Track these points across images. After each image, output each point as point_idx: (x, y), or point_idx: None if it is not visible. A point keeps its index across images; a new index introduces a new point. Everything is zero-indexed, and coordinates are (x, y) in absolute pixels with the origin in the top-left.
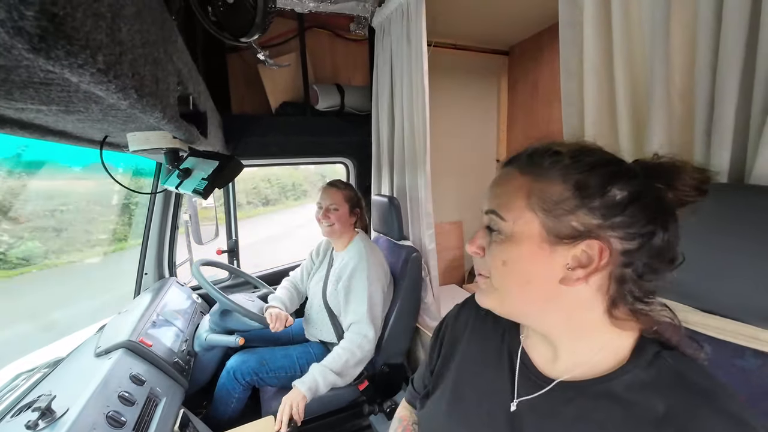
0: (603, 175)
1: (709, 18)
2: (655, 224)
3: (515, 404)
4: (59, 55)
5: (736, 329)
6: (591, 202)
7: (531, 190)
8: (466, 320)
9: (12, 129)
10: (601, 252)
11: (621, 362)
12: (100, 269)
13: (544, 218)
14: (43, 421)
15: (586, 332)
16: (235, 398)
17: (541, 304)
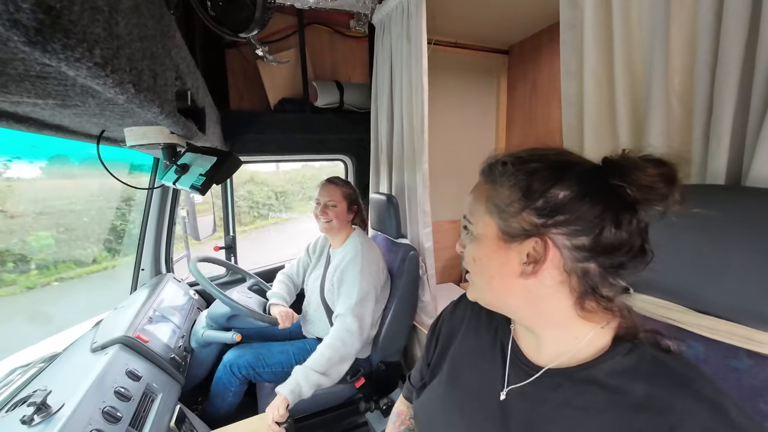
0: (544, 178)
1: (709, 20)
2: (603, 221)
3: (504, 393)
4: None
5: (729, 329)
6: (534, 203)
7: (488, 196)
8: (462, 315)
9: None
10: (545, 248)
11: (602, 350)
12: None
13: (498, 220)
14: (38, 416)
15: (560, 323)
16: (231, 392)
17: (508, 297)
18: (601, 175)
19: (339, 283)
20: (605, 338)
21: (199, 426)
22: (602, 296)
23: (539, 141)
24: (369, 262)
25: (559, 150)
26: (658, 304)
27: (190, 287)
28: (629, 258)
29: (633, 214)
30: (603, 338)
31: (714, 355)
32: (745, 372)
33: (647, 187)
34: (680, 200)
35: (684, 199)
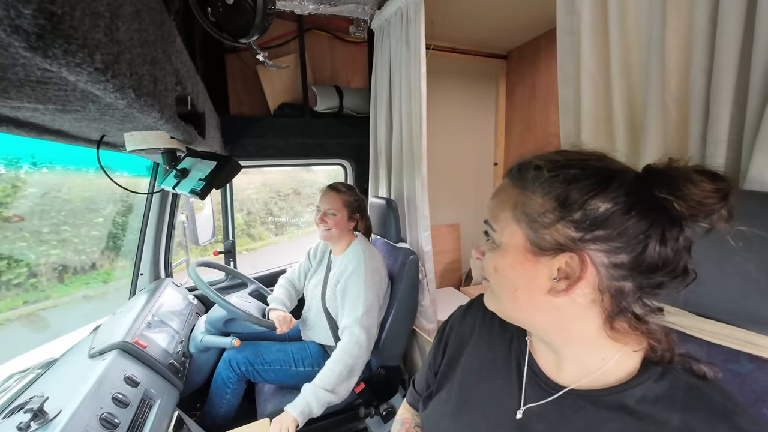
0: (584, 188)
1: (704, 24)
2: (648, 237)
3: (521, 412)
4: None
5: (730, 333)
6: (571, 215)
7: (516, 202)
8: (472, 323)
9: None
10: (581, 265)
11: (631, 374)
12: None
13: (527, 230)
14: (35, 423)
15: (586, 342)
16: (230, 389)
17: (532, 312)
18: (647, 187)
19: (343, 293)
20: (634, 361)
21: None
22: (635, 316)
23: (538, 146)
24: (372, 272)
25: (599, 155)
26: None
27: (189, 292)
28: (670, 278)
29: (680, 231)
30: (632, 361)
31: (715, 359)
32: (746, 376)
33: (699, 202)
34: (728, 217)
35: (732, 216)
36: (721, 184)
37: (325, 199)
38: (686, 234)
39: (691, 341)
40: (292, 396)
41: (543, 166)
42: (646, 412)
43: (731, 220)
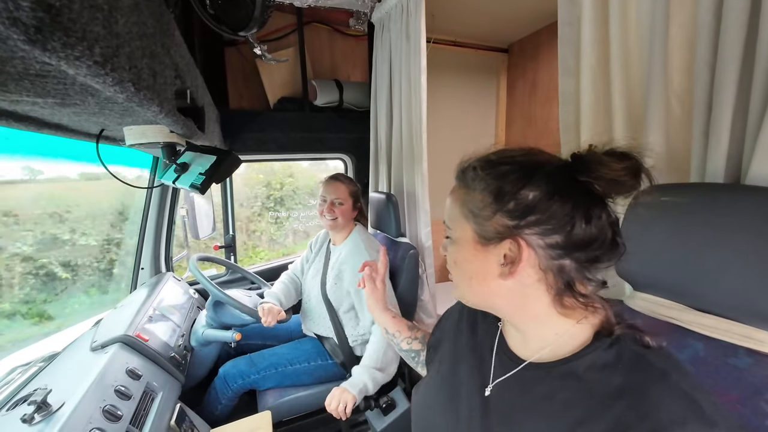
0: (513, 181)
1: (708, 18)
2: (573, 218)
3: (490, 388)
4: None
5: (729, 328)
6: (506, 205)
7: (463, 201)
8: (460, 315)
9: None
10: (519, 249)
11: (582, 345)
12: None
13: (473, 224)
14: (39, 415)
15: (541, 319)
16: (222, 404)
17: (489, 297)
18: (570, 173)
19: (355, 285)
20: (586, 333)
21: (199, 425)
22: (579, 293)
23: (539, 140)
24: (375, 256)
25: (526, 150)
26: (657, 302)
27: (190, 286)
28: (602, 251)
29: (602, 209)
30: (584, 333)
31: (713, 353)
32: (744, 370)
33: (613, 181)
34: (649, 191)
35: (652, 189)
36: (629, 163)
37: (331, 189)
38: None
39: (690, 336)
40: (292, 389)
41: (478, 166)
42: (593, 378)
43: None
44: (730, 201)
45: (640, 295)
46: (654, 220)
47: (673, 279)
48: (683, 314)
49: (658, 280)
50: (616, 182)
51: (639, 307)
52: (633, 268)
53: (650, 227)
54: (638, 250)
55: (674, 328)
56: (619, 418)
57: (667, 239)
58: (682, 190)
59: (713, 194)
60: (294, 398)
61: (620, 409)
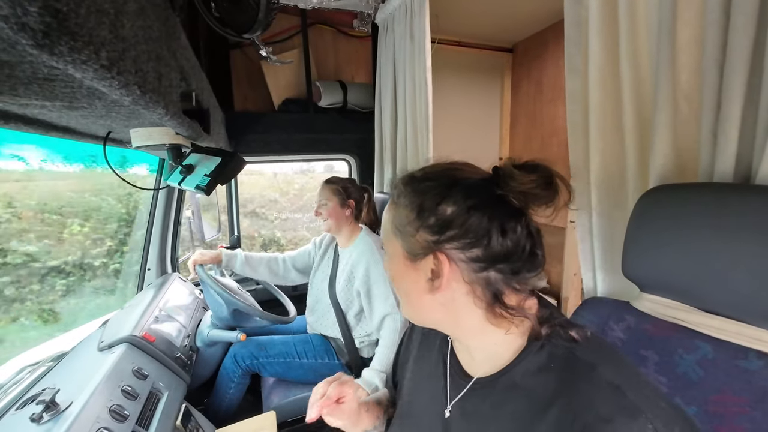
0: (434, 196)
1: (716, 15)
2: (489, 231)
3: (449, 410)
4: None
5: (738, 330)
6: (427, 221)
7: (393, 217)
8: (418, 336)
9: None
10: (441, 263)
11: (517, 352)
12: None
13: (401, 240)
14: (47, 414)
15: (477, 332)
16: (234, 383)
17: (427, 311)
18: (489, 187)
19: (367, 288)
20: (519, 341)
21: (204, 425)
22: (507, 305)
23: (544, 140)
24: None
25: (450, 165)
26: (665, 304)
27: (195, 287)
28: (522, 263)
29: (518, 221)
30: (518, 340)
31: (723, 356)
32: (755, 373)
33: (525, 192)
34: (567, 200)
35: (571, 199)
36: (537, 173)
37: (318, 193)
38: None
39: (698, 338)
40: (296, 389)
41: (402, 183)
42: (530, 384)
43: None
44: (740, 201)
45: (648, 297)
46: (661, 220)
47: (680, 280)
48: (691, 316)
49: (665, 282)
50: (529, 194)
51: (646, 309)
52: (640, 269)
53: (657, 228)
54: (645, 251)
55: (682, 330)
56: (557, 421)
57: (675, 240)
58: (690, 190)
59: (722, 194)
60: (299, 398)
61: (555, 413)
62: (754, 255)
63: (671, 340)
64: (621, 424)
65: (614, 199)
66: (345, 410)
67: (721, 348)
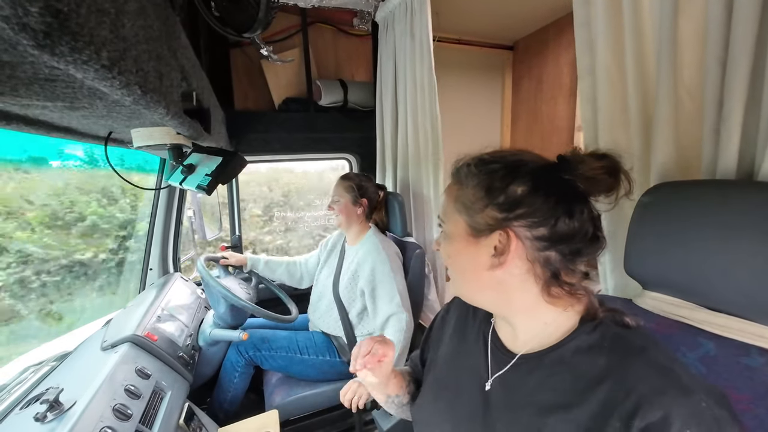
0: (504, 176)
1: (718, 11)
2: (557, 212)
3: (489, 383)
4: (64, 52)
5: (741, 327)
6: (496, 199)
7: (456, 196)
8: (453, 317)
9: (18, 125)
10: (508, 240)
11: (569, 332)
12: None
13: (466, 218)
14: (51, 414)
15: (530, 310)
16: (237, 373)
17: (481, 289)
18: (554, 171)
19: (372, 287)
20: (572, 321)
21: (207, 423)
22: (565, 282)
23: (545, 138)
24: (393, 257)
25: (516, 151)
26: (667, 301)
27: (197, 286)
28: (584, 245)
29: (584, 205)
30: (570, 321)
31: (725, 353)
32: (757, 370)
33: (592, 178)
34: (628, 190)
35: (631, 189)
36: (606, 161)
37: (333, 188)
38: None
39: (701, 335)
40: (299, 388)
41: (472, 163)
42: (579, 361)
43: (631, 193)
44: (742, 198)
45: (650, 294)
46: (664, 217)
47: (683, 277)
48: (694, 313)
49: (668, 279)
50: (594, 180)
51: (649, 306)
52: (642, 267)
53: (660, 225)
54: (648, 249)
55: (685, 327)
56: (607, 396)
57: (678, 237)
58: (692, 187)
59: (724, 191)
60: (301, 397)
61: (606, 388)
62: (757, 252)
63: (674, 337)
64: (675, 397)
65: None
66: (384, 370)
67: (724, 345)
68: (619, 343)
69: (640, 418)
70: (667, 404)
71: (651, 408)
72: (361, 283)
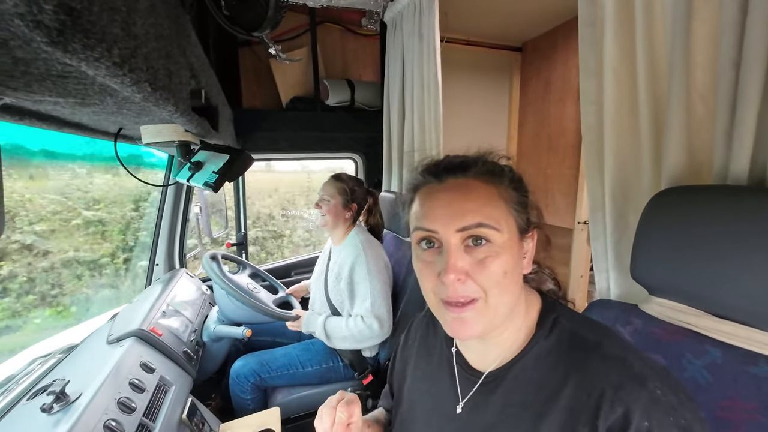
0: (519, 175)
1: (734, 13)
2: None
3: (460, 406)
4: (76, 49)
5: (749, 335)
6: (528, 194)
7: (502, 195)
8: (415, 344)
9: (30, 120)
10: (533, 237)
11: (529, 335)
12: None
13: (517, 219)
14: (57, 405)
15: (516, 315)
16: (249, 399)
17: (516, 300)
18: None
19: (350, 287)
20: (532, 318)
21: (210, 419)
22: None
23: (552, 140)
24: (375, 259)
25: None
26: (674, 307)
27: (202, 282)
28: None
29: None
30: (530, 320)
31: (732, 361)
32: (764, 379)
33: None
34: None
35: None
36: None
37: (323, 187)
38: None
39: (708, 342)
40: (301, 386)
41: (506, 161)
42: (541, 369)
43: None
44: (754, 204)
45: (656, 300)
46: (672, 222)
47: (690, 284)
48: (701, 320)
49: (675, 285)
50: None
51: (655, 312)
52: (649, 272)
53: (668, 230)
54: (655, 254)
55: (691, 334)
56: (571, 403)
57: (686, 243)
58: (702, 192)
59: (736, 197)
60: (303, 396)
61: (569, 394)
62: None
63: (679, 344)
64: (631, 391)
65: (628, 200)
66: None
67: (731, 353)
68: (575, 342)
69: (603, 419)
70: (625, 399)
71: (612, 406)
72: (342, 283)
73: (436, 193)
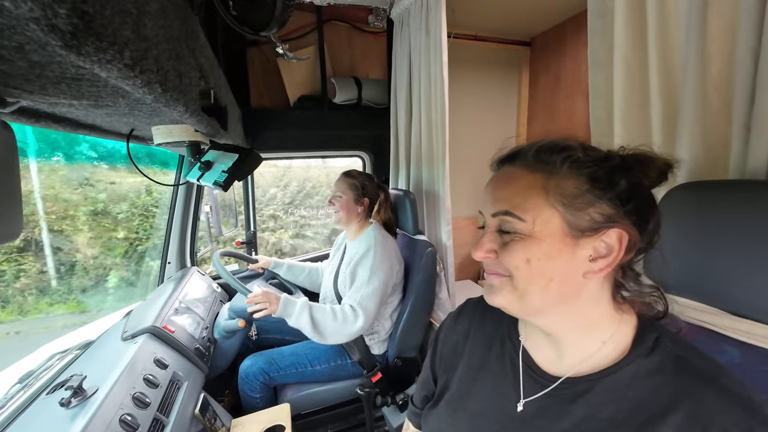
0: (610, 167)
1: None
2: (651, 210)
3: (521, 404)
4: (89, 51)
5: (767, 334)
6: (606, 193)
7: (547, 186)
8: (465, 329)
9: (46, 123)
10: (620, 239)
11: (624, 352)
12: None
13: (564, 213)
14: (75, 399)
15: (594, 325)
16: (258, 397)
17: (560, 300)
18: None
19: (351, 277)
20: (627, 338)
21: (222, 414)
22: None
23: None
24: (382, 258)
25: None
26: (690, 306)
27: (213, 280)
28: (646, 244)
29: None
30: (625, 339)
31: (750, 360)
32: None
33: (657, 177)
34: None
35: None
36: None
37: (335, 183)
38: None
39: (725, 341)
40: (310, 383)
41: (575, 146)
42: (639, 389)
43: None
44: None
45: (672, 299)
46: (689, 219)
47: (707, 281)
48: (718, 319)
49: (691, 283)
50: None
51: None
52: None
53: (684, 227)
54: (671, 251)
55: (708, 333)
56: (679, 428)
57: (702, 239)
58: (719, 187)
59: (754, 192)
60: (312, 392)
61: (676, 422)
62: None
63: (696, 343)
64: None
65: None
66: None
67: (750, 352)
68: (685, 369)
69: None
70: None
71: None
72: (358, 282)
73: (491, 181)
